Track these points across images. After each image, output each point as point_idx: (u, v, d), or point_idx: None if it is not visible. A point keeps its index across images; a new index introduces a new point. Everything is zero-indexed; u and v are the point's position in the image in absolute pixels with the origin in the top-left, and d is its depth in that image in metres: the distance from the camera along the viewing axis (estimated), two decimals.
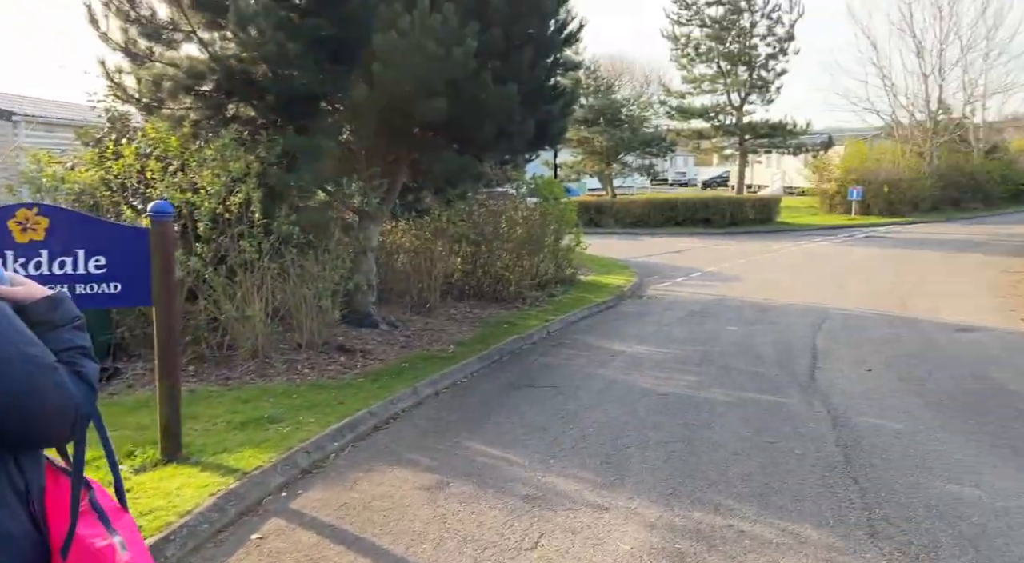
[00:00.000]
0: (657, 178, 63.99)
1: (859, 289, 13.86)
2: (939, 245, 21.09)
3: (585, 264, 17.22)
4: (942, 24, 31.88)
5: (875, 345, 9.10)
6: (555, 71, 9.72)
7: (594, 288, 14.29)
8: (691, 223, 27.36)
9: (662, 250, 21.25)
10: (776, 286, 14.38)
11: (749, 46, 28.60)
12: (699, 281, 15.49)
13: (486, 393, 7.26)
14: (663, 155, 30.95)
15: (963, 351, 8.68)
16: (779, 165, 47.19)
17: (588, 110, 28.60)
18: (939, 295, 13.06)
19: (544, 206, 13.80)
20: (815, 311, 11.67)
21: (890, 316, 11.19)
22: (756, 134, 29.43)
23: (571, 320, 11.26)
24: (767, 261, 18.46)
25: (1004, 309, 11.73)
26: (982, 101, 33.64)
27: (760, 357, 8.58)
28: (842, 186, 30.42)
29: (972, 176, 32.26)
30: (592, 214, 28.48)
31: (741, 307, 12.27)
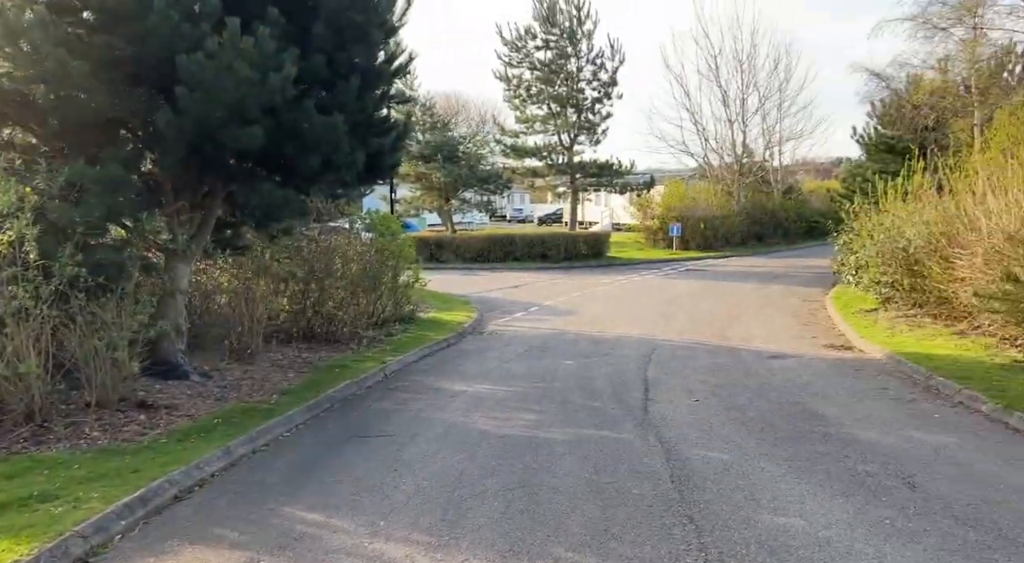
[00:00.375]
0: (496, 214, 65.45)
1: (683, 320, 14.62)
2: (749, 277, 23.01)
3: (425, 301, 16.86)
4: (743, 76, 35.52)
5: (700, 374, 9.49)
6: (385, 103, 9.41)
7: (435, 325, 13.94)
8: (529, 258, 27.94)
9: (502, 285, 21.39)
10: (609, 318, 14.83)
11: (577, 89, 30.09)
12: (537, 315, 15.65)
13: (312, 448, 6.62)
14: (500, 192, 31.56)
15: (776, 378, 9.26)
16: (607, 203, 49.86)
17: (425, 146, 28.55)
18: (752, 324, 14.06)
19: (381, 242, 13.32)
20: (645, 342, 12.09)
21: (712, 345, 11.82)
22: (586, 173, 30.85)
23: (410, 360, 10.81)
24: (600, 294, 19.12)
25: (807, 336, 12.82)
26: (779, 146, 37.76)
27: (596, 391, 8.62)
28: (664, 223, 32.55)
29: (773, 214, 35.87)
30: (432, 249, 28.29)
31: (577, 340, 12.45)
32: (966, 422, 6.95)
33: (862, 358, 10.73)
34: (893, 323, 13.00)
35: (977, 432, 6.57)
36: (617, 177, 30.60)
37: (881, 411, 7.41)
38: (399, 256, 13.93)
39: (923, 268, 12.49)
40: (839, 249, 16.92)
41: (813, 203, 39.29)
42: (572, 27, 29.73)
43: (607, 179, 30.74)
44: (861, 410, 7.46)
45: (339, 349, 11.22)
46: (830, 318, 14.87)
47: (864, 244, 13.97)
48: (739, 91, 35.51)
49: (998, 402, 7.13)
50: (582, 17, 29.92)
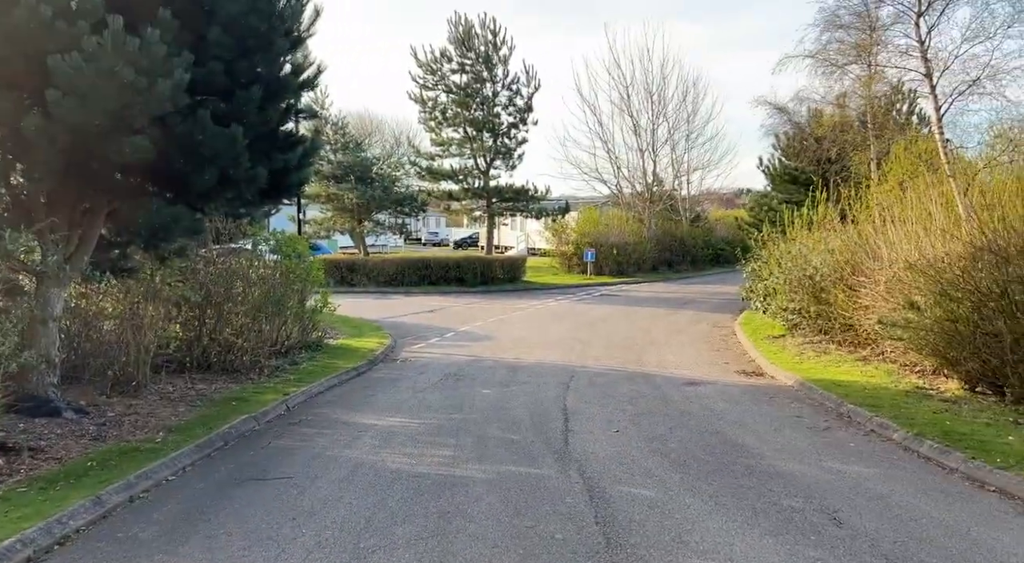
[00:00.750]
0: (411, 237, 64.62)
1: (600, 346, 14.53)
2: (661, 302, 23.37)
3: (335, 326, 16.10)
4: (653, 106, 36.59)
5: (619, 403, 9.30)
6: (291, 116, 8.84)
7: (344, 352, 13.25)
8: (445, 282, 27.47)
9: (417, 309, 20.82)
10: (527, 344, 14.56)
11: (492, 114, 30.09)
12: (453, 341, 15.20)
13: (200, 494, 5.92)
14: (415, 214, 31.01)
15: (694, 406, 9.18)
16: (523, 228, 50.14)
17: (337, 166, 27.72)
18: (667, 350, 14.12)
19: (286, 264, 12.58)
20: (564, 369, 11.85)
21: (629, 372, 11.71)
22: (502, 198, 30.80)
23: (316, 391, 10.12)
24: (517, 319, 18.87)
25: (720, 362, 12.94)
26: (687, 176, 39.03)
27: (515, 422, 8.25)
28: (578, 248, 32.87)
29: (682, 241, 36.92)
30: (344, 273, 27.37)
31: (494, 367, 12.09)
32: (880, 451, 7.00)
33: (774, 385, 10.86)
34: (801, 349, 13.32)
35: (892, 461, 6.60)
36: (533, 202, 30.69)
37: (798, 441, 7.39)
38: (306, 279, 13.22)
39: (829, 295, 12.90)
40: (748, 276, 17.36)
41: (719, 231, 40.73)
42: (488, 52, 29.81)
43: (523, 204, 30.78)
44: (779, 440, 7.42)
45: (238, 379, 10.40)
46: (740, 344, 15.14)
47: (772, 272, 14.33)
48: (649, 121, 36.56)
49: (908, 430, 7.23)
50: (497, 42, 30.07)
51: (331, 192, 28.03)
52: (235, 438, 7.64)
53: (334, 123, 28.52)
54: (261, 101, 7.42)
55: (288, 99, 8.31)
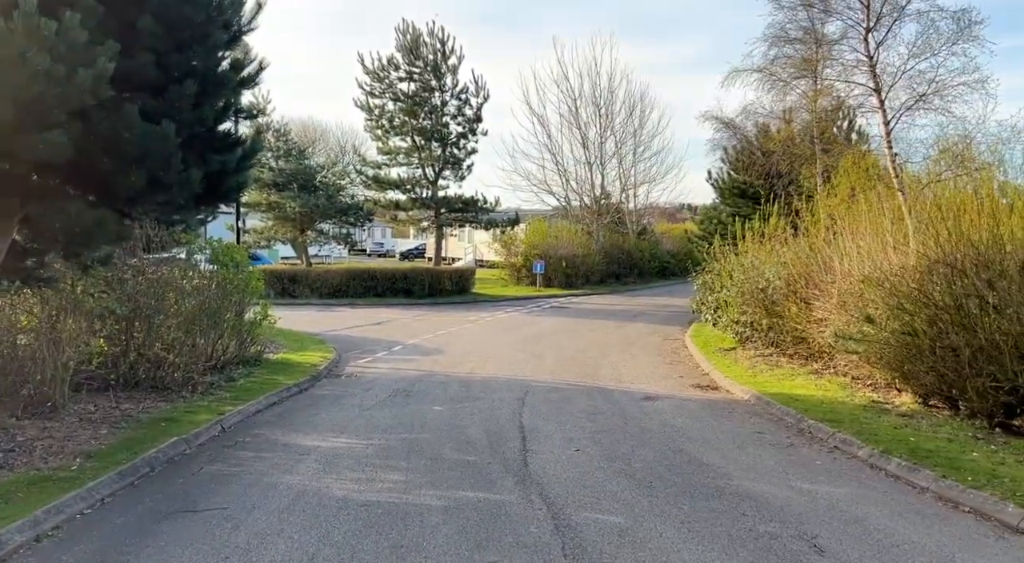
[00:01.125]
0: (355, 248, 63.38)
1: (553, 359, 14.21)
2: (611, 315, 23.26)
3: (276, 340, 15.34)
4: (601, 120, 36.80)
5: (577, 419, 8.96)
6: (229, 116, 8.23)
7: (285, 368, 12.55)
8: (391, 293, 26.80)
9: (362, 322, 20.13)
10: (478, 358, 14.12)
11: (441, 124, 29.66)
12: (401, 355, 14.64)
13: (119, 530, 5.28)
14: (361, 224, 30.24)
15: (653, 422, 8.91)
16: (471, 239, 49.74)
17: (279, 174, 26.79)
18: (620, 363, 13.89)
19: (223, 274, 11.86)
20: (517, 384, 11.47)
21: (585, 387, 11.40)
22: (450, 208, 30.34)
23: (254, 410, 9.46)
24: (467, 332, 18.41)
25: (674, 376, 12.77)
26: (633, 189, 39.32)
27: (470, 442, 7.80)
28: (527, 260, 32.65)
29: (629, 254, 37.10)
30: (286, 284, 26.43)
31: (446, 383, 11.61)
32: (847, 469, 6.83)
33: (730, 399, 10.71)
34: (753, 362, 13.28)
35: (861, 480, 6.42)
36: (482, 213, 30.32)
37: (764, 459, 7.17)
38: (244, 290, 12.50)
39: (781, 308, 12.89)
40: (698, 289, 17.36)
41: (665, 244, 41.16)
42: (436, 61, 29.41)
43: (472, 215, 30.37)
44: (745, 458, 7.18)
45: (169, 398, 9.65)
46: (692, 357, 15.04)
47: (724, 284, 14.29)
48: (597, 135, 36.74)
49: (874, 447, 7.10)
50: (446, 51, 29.71)
51: (272, 200, 27.07)
52: (163, 464, 6.97)
53: (276, 129, 27.61)
54: (196, 97, 6.83)
55: (226, 97, 7.71)
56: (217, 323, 11.49)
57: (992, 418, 7.84)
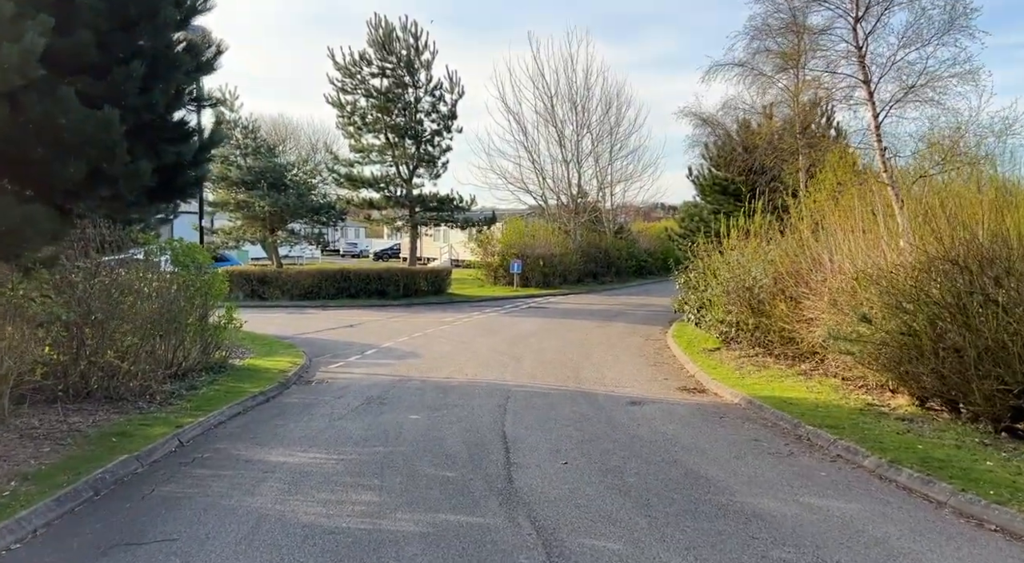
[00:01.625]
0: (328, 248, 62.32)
1: (533, 361, 13.69)
2: (590, 315, 22.81)
3: (243, 345, 14.62)
4: (577, 117, 36.38)
5: (563, 427, 8.45)
6: (184, 103, 7.58)
7: (252, 374, 11.87)
8: (365, 295, 26.09)
9: (335, 324, 19.42)
10: (455, 361, 13.55)
11: (415, 120, 28.98)
12: (375, 359, 14.01)
13: None
14: (333, 223, 29.46)
15: (643, 429, 8.42)
16: (446, 239, 49.10)
17: (247, 172, 25.91)
18: (603, 365, 13.42)
19: (183, 276, 11.14)
20: (497, 389, 10.92)
21: (568, 391, 10.90)
22: (425, 207, 29.68)
23: (216, 421, 8.80)
24: (443, 334, 17.82)
25: (659, 378, 12.32)
26: (610, 188, 38.98)
27: (450, 456, 7.25)
28: (504, 259, 32.10)
29: (607, 252, 36.72)
30: (255, 285, 25.60)
31: (423, 389, 11.03)
32: (855, 481, 6.38)
33: (720, 403, 10.27)
34: (739, 363, 12.88)
35: (872, 494, 5.98)
36: (458, 212, 29.71)
37: (765, 470, 6.71)
38: (208, 293, 11.80)
39: (768, 307, 12.51)
40: (680, 287, 16.97)
41: (642, 243, 40.87)
42: (409, 56, 28.72)
43: (448, 214, 29.75)
44: (745, 470, 6.72)
45: (123, 410, 8.95)
46: (675, 358, 14.63)
47: (708, 283, 13.88)
48: (574, 132, 36.32)
49: (881, 456, 6.67)
50: (420, 47, 29.04)
51: (240, 199, 26.20)
52: (110, 485, 6.31)
53: (244, 126, 26.72)
54: (144, 81, 6.20)
55: (180, 82, 7.07)
56: (178, 328, 10.79)
57: (998, 422, 7.48)
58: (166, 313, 10.51)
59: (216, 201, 26.98)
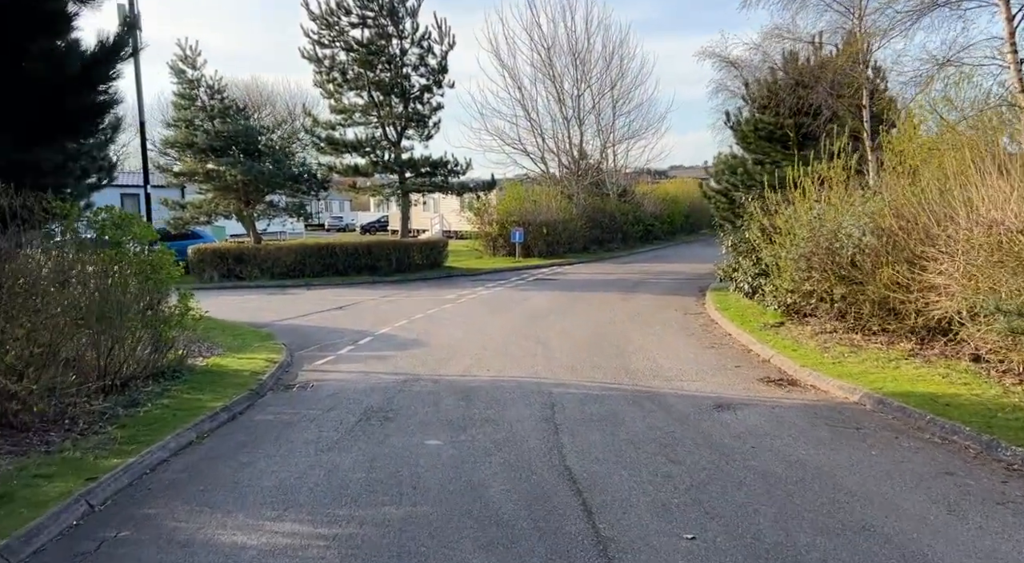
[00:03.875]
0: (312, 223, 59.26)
1: (565, 347, 11.15)
2: (607, 286, 20.28)
3: (211, 337, 12.02)
4: (577, 71, 33.42)
5: (649, 457, 5.94)
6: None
7: (216, 380, 9.29)
8: (354, 271, 23.42)
9: (321, 307, 16.78)
10: (470, 351, 11.00)
11: (402, 75, 25.95)
12: (372, 351, 11.43)
13: None
14: (315, 193, 26.55)
15: (767, 457, 5.93)
16: (436, 208, 46.29)
17: (215, 137, 22.89)
18: (650, 349, 10.93)
19: (109, 255, 8.45)
20: (534, 391, 8.40)
21: (626, 390, 8.39)
22: (416, 172, 26.80)
23: (155, 460, 6.23)
24: (448, 315, 15.23)
25: (729, 365, 9.86)
26: (613, 148, 36.19)
27: (501, 522, 4.71)
28: (504, 228, 29.47)
29: (612, 217, 34.06)
30: (231, 264, 22.88)
31: (436, 393, 8.48)
32: None
33: (832, 401, 7.80)
34: (820, 343, 10.44)
35: None
36: (453, 176, 26.83)
37: (1003, 546, 4.21)
38: (156, 277, 9.13)
39: (863, 273, 10.01)
40: (728, 251, 14.44)
41: (647, 206, 38.21)
42: (393, 3, 25.59)
43: (442, 179, 26.85)
44: (985, 543, 4.22)
45: (21, 445, 6.38)
46: (731, 336, 12.17)
47: (781, 244, 11.32)
48: (574, 87, 33.44)
49: None
50: None
51: (209, 168, 23.24)
52: None
53: (209, 85, 23.62)
54: None
55: None
56: (111, 325, 8.15)
57: None
58: (95, 305, 7.87)
59: (182, 171, 24.00)
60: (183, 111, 23.66)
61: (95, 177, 9.88)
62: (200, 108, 23.59)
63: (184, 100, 23.66)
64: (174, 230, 24.37)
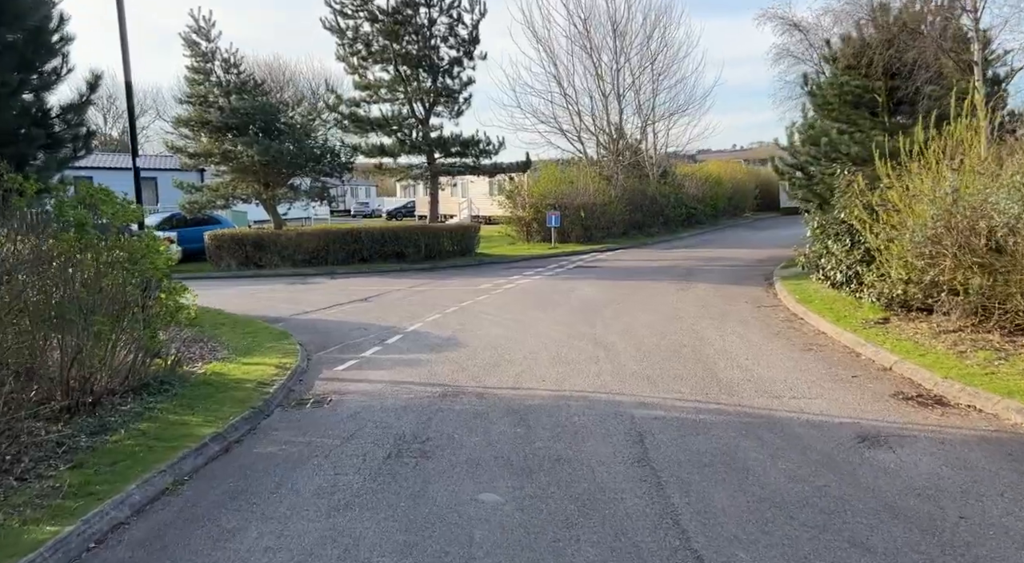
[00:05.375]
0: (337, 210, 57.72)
1: (632, 351, 9.27)
2: (657, 274, 18.29)
3: (216, 336, 10.41)
4: (616, 43, 31.24)
5: (818, 537, 4.06)
6: None
7: (212, 393, 7.58)
8: (380, 258, 21.73)
9: (344, 298, 15.08)
10: (518, 355, 9.16)
11: (430, 47, 24.07)
12: (402, 352, 9.67)
13: None
14: (339, 175, 24.80)
15: (989, 540, 4.02)
16: (464, 193, 44.50)
17: (231, 114, 21.25)
18: (736, 352, 9.02)
19: (69, 239, 6.74)
20: (610, 414, 6.54)
21: (730, 414, 6.50)
22: (446, 151, 24.96)
23: (104, 527, 4.53)
24: (485, 307, 13.40)
25: (843, 375, 7.91)
26: (652, 126, 33.97)
27: None
28: (538, 212, 27.55)
29: (653, 199, 31.93)
30: (249, 251, 21.32)
31: (485, 414, 6.66)
32: None
33: (1013, 430, 5.83)
34: (954, 347, 8.41)
35: None
36: (485, 156, 24.92)
37: None
38: (136, 268, 7.42)
39: (1011, 259, 7.95)
40: (814, 235, 12.38)
41: (688, 188, 35.94)
42: None
43: (473, 159, 24.97)
44: None
45: None
46: (824, 334, 10.21)
47: (897, 225, 9.27)
48: (612, 60, 31.24)
49: None
50: None
51: (226, 149, 21.63)
52: None
53: (225, 58, 21.94)
54: None
55: None
56: (73, 328, 6.45)
57: None
58: (44, 305, 6.17)
59: (197, 151, 22.43)
60: (197, 86, 22.03)
61: (70, 147, 8.17)
62: (215, 83, 21.95)
63: (198, 74, 22.01)
64: (189, 215, 22.87)
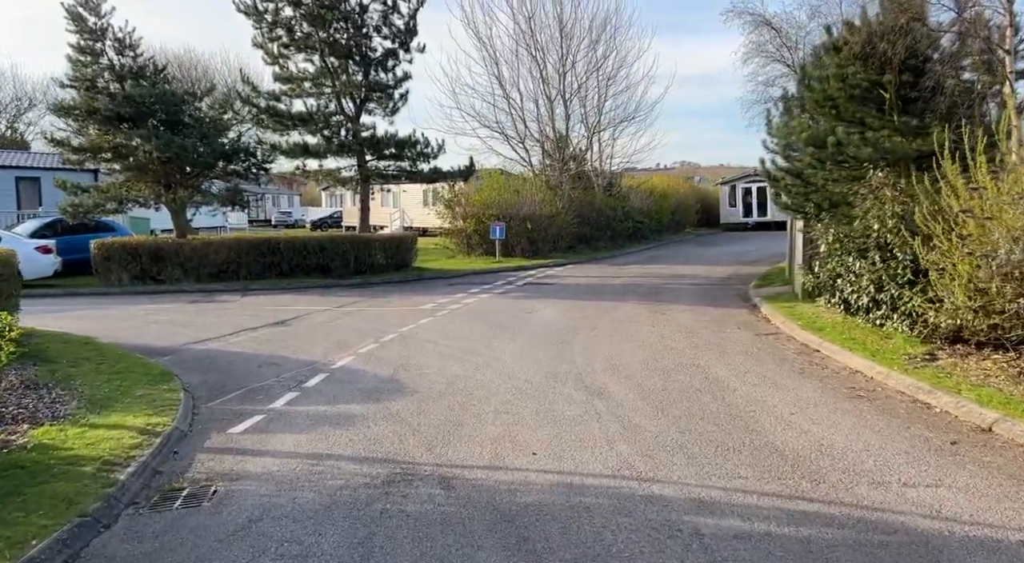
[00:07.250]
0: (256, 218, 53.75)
1: (637, 402, 6.99)
2: (620, 293, 16.23)
3: (70, 376, 7.62)
4: (563, 44, 29.34)
5: None
6: None
7: (27, 484, 4.87)
8: (303, 272, 18.88)
9: (256, 322, 12.27)
10: (487, 408, 6.72)
11: (362, 35, 21.46)
12: (324, 404, 7.07)
13: None
14: (254, 176, 21.70)
15: None
16: (396, 203, 41.79)
17: (124, 102, 17.97)
18: (770, 403, 6.91)
19: None
20: (663, 529, 4.20)
21: (841, 523, 4.29)
22: (379, 153, 22.30)
23: None
24: (432, 335, 10.89)
25: (936, 444, 5.88)
26: (599, 134, 32.21)
27: None
28: (480, 223, 25.22)
29: (600, 212, 30.10)
30: (145, 263, 18.07)
31: (459, 526, 4.19)
32: None
33: None
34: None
35: None
36: (422, 160, 22.38)
37: None
38: None
39: None
40: (828, 251, 10.47)
41: (634, 202, 34.33)
42: None
43: (409, 162, 22.39)
44: None
45: None
46: (861, 373, 8.27)
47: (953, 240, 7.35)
48: (560, 63, 29.33)
49: None
50: None
51: (118, 142, 18.33)
52: None
53: (118, 38, 18.64)
54: None
55: None
56: None
57: None
58: None
59: (83, 146, 19.00)
60: (83, 69, 18.59)
61: None
62: (106, 66, 18.62)
63: (84, 55, 18.60)
64: (72, 220, 19.31)
